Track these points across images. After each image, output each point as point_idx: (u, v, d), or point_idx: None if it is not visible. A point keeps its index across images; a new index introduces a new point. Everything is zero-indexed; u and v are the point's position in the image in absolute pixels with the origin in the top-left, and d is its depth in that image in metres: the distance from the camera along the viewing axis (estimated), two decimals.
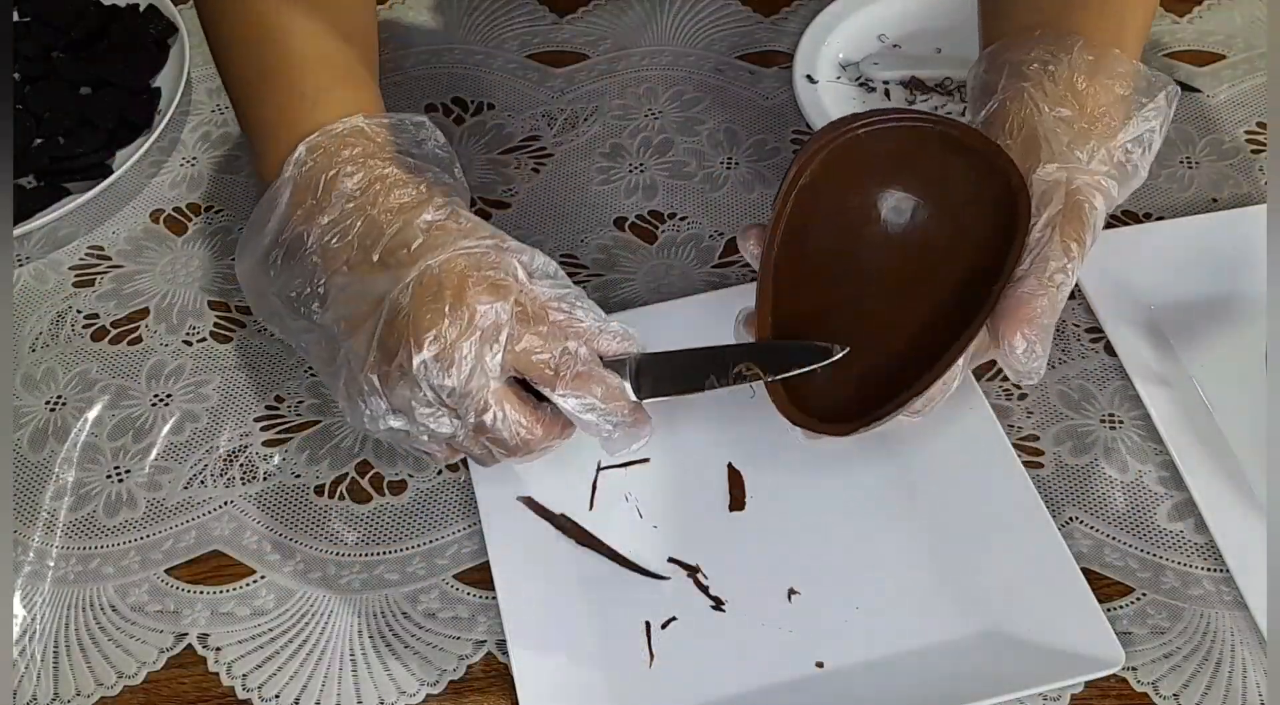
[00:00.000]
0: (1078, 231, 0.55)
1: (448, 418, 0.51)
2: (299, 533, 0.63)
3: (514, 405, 0.51)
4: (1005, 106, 0.59)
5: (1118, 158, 0.58)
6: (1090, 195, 0.56)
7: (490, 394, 0.50)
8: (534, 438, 0.52)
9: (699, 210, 0.76)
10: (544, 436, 0.52)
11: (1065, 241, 0.54)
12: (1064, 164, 0.56)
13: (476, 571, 0.61)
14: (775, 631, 0.58)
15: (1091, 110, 0.58)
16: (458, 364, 0.49)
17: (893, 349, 0.57)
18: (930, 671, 0.55)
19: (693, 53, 0.85)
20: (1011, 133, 0.58)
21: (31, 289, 0.74)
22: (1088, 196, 0.56)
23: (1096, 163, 0.57)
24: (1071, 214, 0.55)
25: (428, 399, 0.51)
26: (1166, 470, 0.62)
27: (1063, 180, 0.56)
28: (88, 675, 0.59)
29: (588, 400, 0.51)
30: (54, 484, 0.65)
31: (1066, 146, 0.57)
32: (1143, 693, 0.56)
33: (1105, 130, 0.58)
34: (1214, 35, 0.83)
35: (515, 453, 0.53)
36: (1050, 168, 0.56)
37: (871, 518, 0.61)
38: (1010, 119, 0.59)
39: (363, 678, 0.58)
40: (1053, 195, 0.56)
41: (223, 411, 0.68)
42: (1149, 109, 0.59)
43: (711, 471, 0.63)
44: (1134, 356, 0.65)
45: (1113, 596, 0.58)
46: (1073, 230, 0.55)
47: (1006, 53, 0.61)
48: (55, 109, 0.80)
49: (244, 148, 0.81)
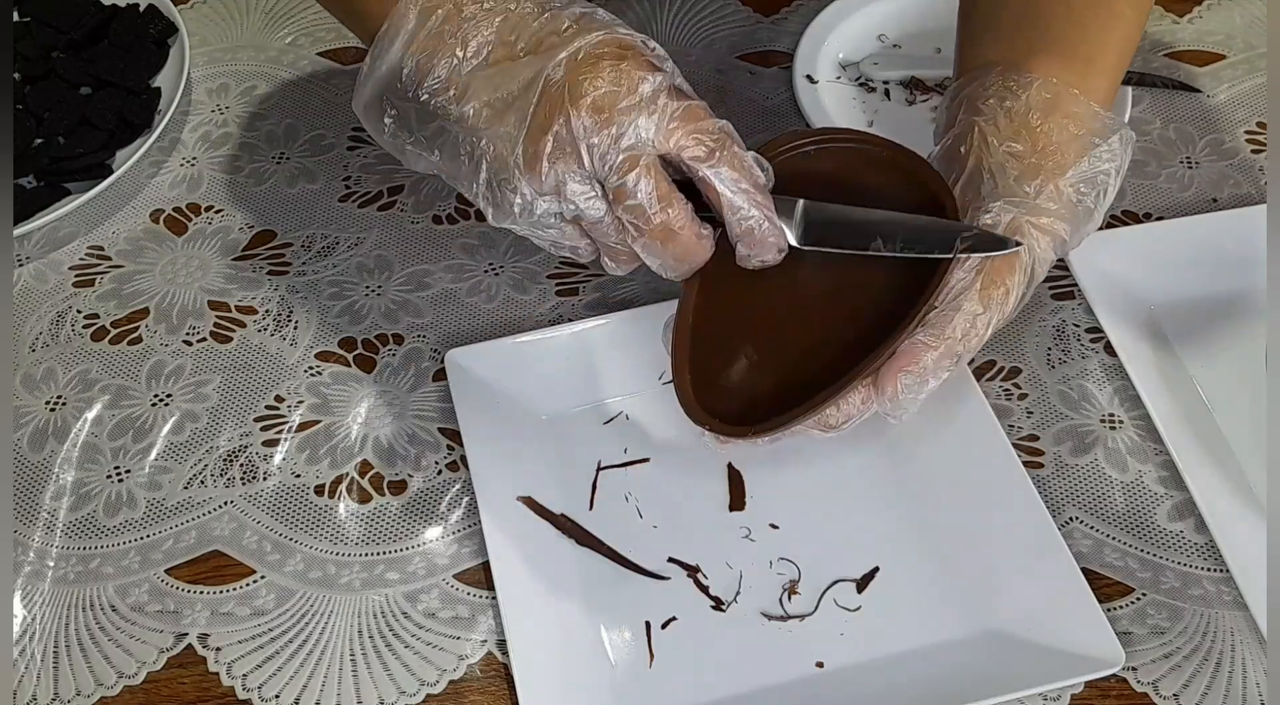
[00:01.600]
0: (1004, 278, 0.54)
1: (598, 197, 0.51)
2: (299, 533, 0.63)
3: (661, 178, 0.51)
4: (956, 140, 0.59)
5: (1067, 196, 0.57)
6: (1033, 238, 0.55)
7: (642, 158, 0.50)
8: (673, 216, 0.51)
9: None
10: (681, 219, 0.51)
11: (986, 292, 0.54)
12: (1009, 199, 0.56)
13: (476, 571, 0.61)
14: (775, 631, 0.58)
15: (1043, 147, 0.57)
16: (616, 124, 0.49)
17: (811, 364, 0.56)
18: (930, 671, 0.55)
19: (693, 53, 0.85)
20: (962, 166, 0.58)
21: (31, 289, 0.74)
22: (1028, 240, 0.55)
23: (1044, 199, 0.56)
24: (1005, 259, 0.54)
25: (583, 169, 0.50)
26: (1166, 470, 0.62)
27: (1004, 222, 0.55)
28: (88, 675, 0.59)
29: (742, 184, 0.51)
30: (54, 484, 0.65)
31: (1014, 181, 0.56)
32: (1143, 693, 0.56)
33: (1055, 166, 0.57)
34: (1214, 35, 0.83)
35: (652, 232, 0.52)
36: (995, 207, 0.55)
37: (871, 517, 0.61)
38: (960, 153, 0.59)
39: (363, 678, 0.58)
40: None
41: (223, 411, 0.68)
42: (1102, 150, 0.58)
43: (711, 471, 0.63)
44: (1134, 356, 0.65)
45: (1113, 596, 0.58)
46: (1000, 277, 0.54)
47: (967, 87, 0.61)
48: (55, 109, 0.80)
49: (244, 147, 0.81)
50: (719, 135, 0.51)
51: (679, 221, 0.52)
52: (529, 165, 0.51)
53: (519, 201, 0.52)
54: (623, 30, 0.53)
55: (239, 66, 0.86)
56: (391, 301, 0.72)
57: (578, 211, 0.52)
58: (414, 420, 0.67)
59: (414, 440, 0.66)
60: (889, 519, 0.61)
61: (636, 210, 0.51)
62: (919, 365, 0.53)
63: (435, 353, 0.69)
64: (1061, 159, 0.57)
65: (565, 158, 0.50)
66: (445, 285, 0.73)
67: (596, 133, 0.49)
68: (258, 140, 0.82)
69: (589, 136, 0.49)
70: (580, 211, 0.52)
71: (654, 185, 0.50)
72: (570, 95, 0.50)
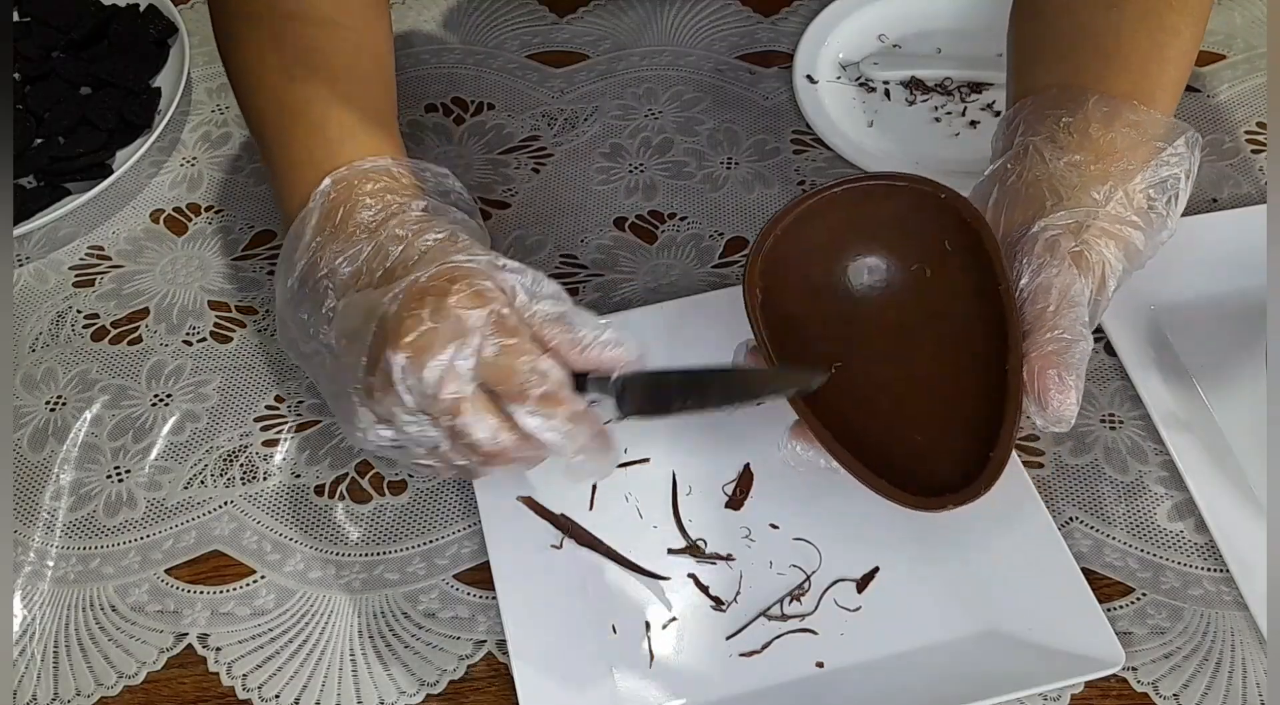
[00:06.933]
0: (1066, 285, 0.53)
1: (430, 425, 0.51)
2: (299, 533, 0.63)
3: (488, 411, 0.50)
4: (1009, 160, 0.58)
5: (1138, 202, 0.56)
6: (1101, 245, 0.54)
7: (463, 399, 0.50)
8: (508, 445, 0.51)
9: (699, 210, 0.76)
10: (518, 445, 0.51)
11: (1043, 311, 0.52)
12: (1073, 209, 0.55)
13: (476, 571, 0.61)
14: (775, 631, 0.58)
15: (1108, 154, 0.56)
16: (429, 367, 0.49)
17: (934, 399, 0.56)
18: (930, 671, 0.55)
19: (693, 53, 0.85)
20: (1014, 186, 0.57)
21: (31, 289, 0.74)
22: (1095, 246, 0.54)
23: (1114, 205, 0.55)
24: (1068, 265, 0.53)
25: (407, 404, 0.50)
26: (1166, 470, 0.62)
27: (1062, 229, 0.54)
28: (88, 675, 0.59)
29: (551, 421, 0.50)
30: (54, 484, 0.65)
31: (1077, 190, 0.55)
32: (1143, 693, 0.56)
33: (1122, 172, 0.56)
34: (1214, 35, 0.83)
35: (493, 460, 0.52)
36: (1057, 216, 0.54)
37: (871, 517, 0.61)
38: (1011, 175, 0.58)
39: (363, 678, 0.58)
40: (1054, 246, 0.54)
41: (223, 411, 0.68)
42: (1169, 153, 0.57)
43: (712, 472, 0.63)
44: (1134, 356, 0.65)
45: (1113, 596, 0.58)
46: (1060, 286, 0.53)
47: (1023, 111, 0.60)
48: (55, 109, 0.80)
49: (244, 147, 0.81)
50: (529, 376, 0.50)
51: (514, 450, 0.51)
52: (366, 394, 0.51)
53: (361, 426, 0.53)
54: (463, 257, 0.52)
55: None
56: None
57: (413, 441, 0.52)
58: None
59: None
60: (889, 519, 0.61)
61: (474, 447, 0.51)
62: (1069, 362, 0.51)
63: None
64: (1128, 165, 0.56)
65: (391, 394, 0.50)
66: None
67: (413, 375, 0.49)
68: None
69: (405, 378, 0.49)
70: (416, 441, 0.52)
71: (480, 419, 0.50)
72: (393, 333, 0.50)
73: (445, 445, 0.52)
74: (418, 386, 0.49)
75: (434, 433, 0.51)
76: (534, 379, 0.50)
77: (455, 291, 0.50)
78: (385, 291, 0.52)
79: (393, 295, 0.51)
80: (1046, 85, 0.61)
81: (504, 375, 0.50)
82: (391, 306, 0.51)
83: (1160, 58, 0.60)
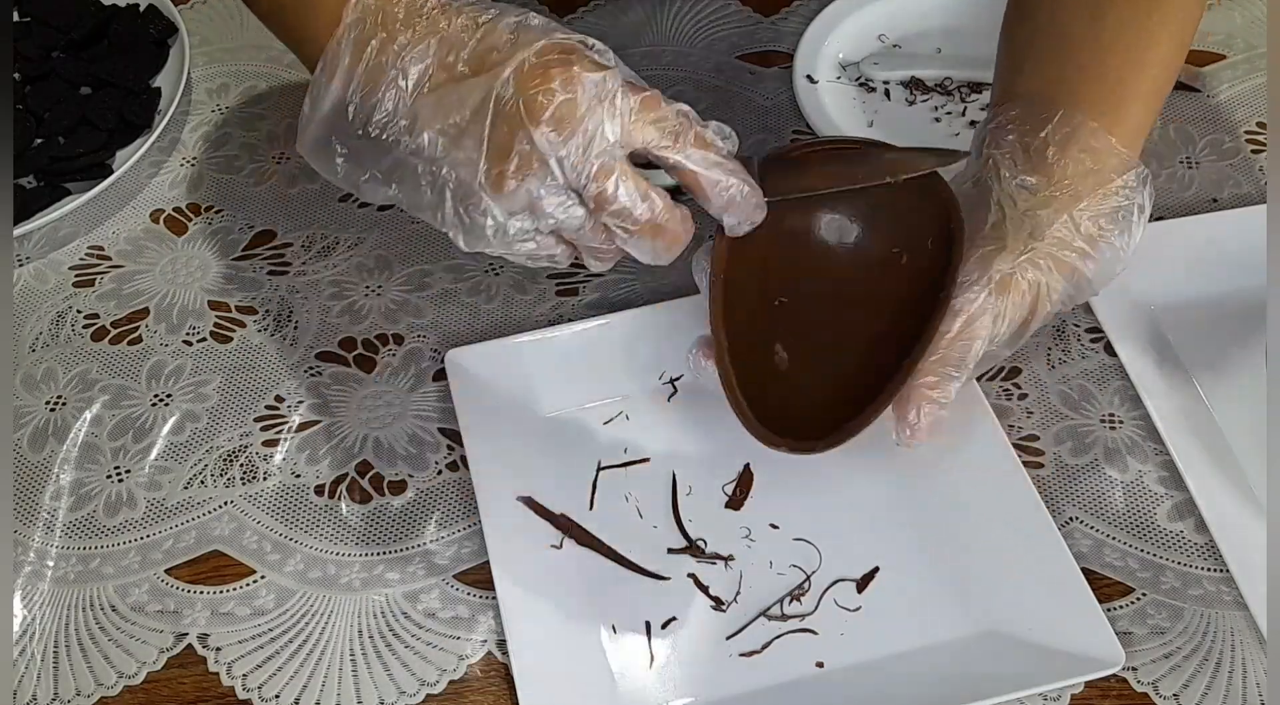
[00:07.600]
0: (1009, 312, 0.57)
1: (576, 204, 0.51)
2: (299, 533, 0.63)
3: (638, 177, 0.51)
4: (970, 174, 0.61)
5: (1087, 230, 0.58)
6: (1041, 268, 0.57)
7: (619, 162, 0.50)
8: (657, 211, 0.51)
9: (699, 210, 0.75)
10: (664, 211, 0.52)
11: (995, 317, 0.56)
12: (1016, 233, 0.57)
13: (476, 571, 0.61)
14: (775, 631, 0.58)
15: (1059, 180, 0.58)
16: (580, 132, 0.49)
17: (847, 365, 0.58)
18: (930, 671, 0.55)
19: (693, 53, 0.85)
20: (977, 199, 0.59)
21: (31, 289, 0.74)
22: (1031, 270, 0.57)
23: (1059, 229, 0.57)
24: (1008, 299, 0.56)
25: (555, 181, 0.50)
26: (1166, 470, 0.62)
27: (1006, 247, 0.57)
28: (88, 675, 0.59)
29: (711, 157, 0.51)
30: (54, 484, 0.65)
31: (1023, 213, 0.58)
32: (1143, 693, 0.56)
33: (1070, 198, 0.58)
34: (1214, 35, 0.83)
35: (641, 230, 0.52)
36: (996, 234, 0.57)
37: (871, 517, 0.61)
38: (967, 182, 0.60)
39: (363, 678, 0.58)
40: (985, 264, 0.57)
41: (223, 411, 0.68)
42: (1117, 185, 0.58)
43: (712, 471, 0.63)
44: (1134, 356, 0.65)
45: (1113, 596, 0.58)
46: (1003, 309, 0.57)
47: (994, 120, 0.62)
48: (55, 109, 0.80)
49: (244, 147, 0.81)
50: (679, 120, 0.51)
51: (663, 215, 0.52)
52: (496, 186, 0.50)
53: (491, 224, 0.51)
54: (560, 34, 0.52)
55: (239, 66, 0.86)
56: (391, 301, 0.72)
57: (556, 223, 0.51)
58: (414, 420, 0.67)
59: (414, 440, 0.66)
60: (889, 519, 0.61)
61: (621, 213, 0.51)
62: (939, 393, 0.55)
63: (435, 353, 0.69)
64: (1076, 190, 0.58)
65: (534, 174, 0.50)
66: (445, 285, 0.73)
67: (564, 145, 0.49)
68: (258, 140, 0.82)
69: (556, 150, 0.49)
70: (559, 223, 0.51)
71: (633, 186, 0.50)
72: (527, 112, 0.49)
73: (588, 224, 0.52)
74: (570, 157, 0.49)
75: (580, 211, 0.51)
76: (683, 122, 0.51)
77: (577, 61, 0.50)
78: (492, 77, 0.50)
79: (503, 80, 0.50)
80: (1022, 93, 0.62)
81: (653, 127, 0.51)
82: (505, 90, 0.50)
83: (1138, 67, 0.61)
